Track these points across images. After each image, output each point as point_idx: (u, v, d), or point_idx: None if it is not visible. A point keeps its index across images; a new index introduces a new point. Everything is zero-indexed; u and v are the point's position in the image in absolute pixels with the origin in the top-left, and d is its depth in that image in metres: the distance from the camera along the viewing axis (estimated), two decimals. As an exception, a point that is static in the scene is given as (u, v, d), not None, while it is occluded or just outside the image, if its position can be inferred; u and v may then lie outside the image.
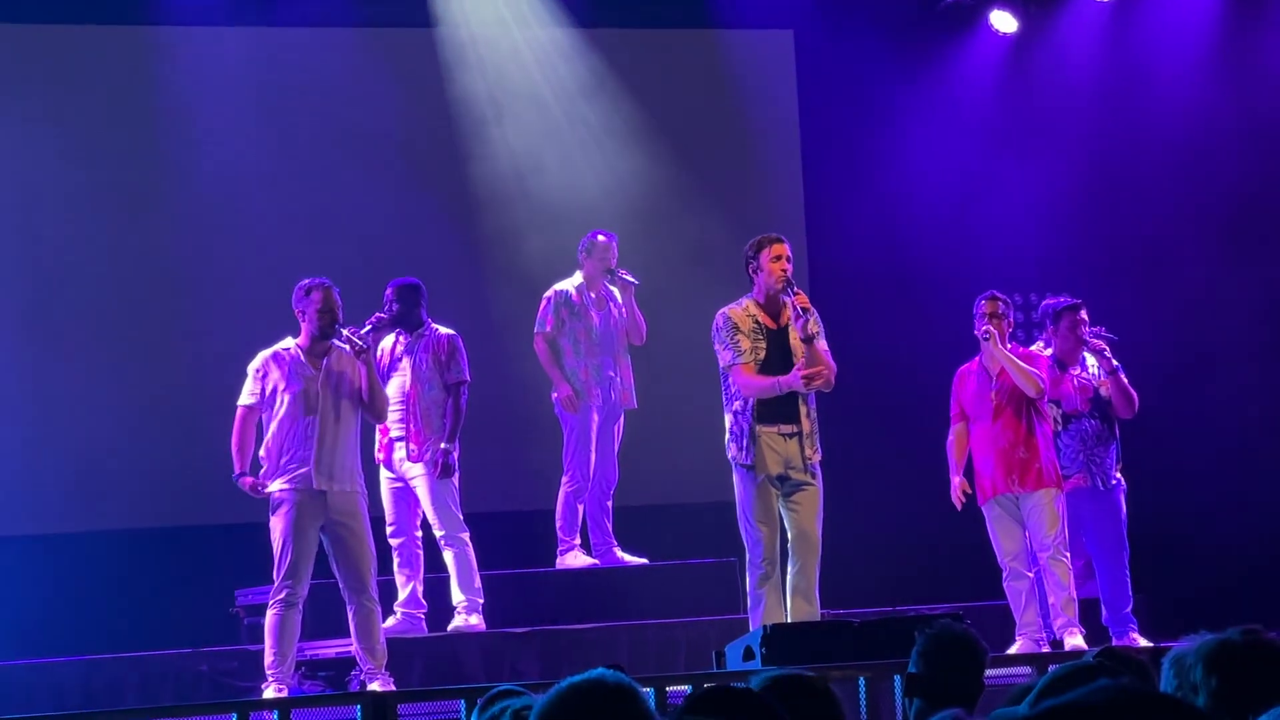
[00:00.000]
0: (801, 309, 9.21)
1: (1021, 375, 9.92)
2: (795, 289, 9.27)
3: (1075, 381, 10.38)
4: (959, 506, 10.15)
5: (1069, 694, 2.35)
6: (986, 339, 10.00)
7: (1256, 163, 13.24)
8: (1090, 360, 10.55)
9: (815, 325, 9.24)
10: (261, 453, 9.34)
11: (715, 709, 3.31)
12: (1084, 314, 10.57)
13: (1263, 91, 13.38)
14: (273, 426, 9.29)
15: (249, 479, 9.28)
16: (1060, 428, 10.40)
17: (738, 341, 9.25)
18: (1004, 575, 10.07)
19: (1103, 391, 10.50)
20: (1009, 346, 10.14)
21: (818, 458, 9.31)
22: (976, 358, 10.16)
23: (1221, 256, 13.22)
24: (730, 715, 3.31)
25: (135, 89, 12.51)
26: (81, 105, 12.43)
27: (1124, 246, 13.39)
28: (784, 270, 9.27)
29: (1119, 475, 10.57)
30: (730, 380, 9.33)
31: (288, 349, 9.41)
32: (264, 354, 9.42)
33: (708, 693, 3.43)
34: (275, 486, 9.23)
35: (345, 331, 9.32)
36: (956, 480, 10.13)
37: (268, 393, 9.32)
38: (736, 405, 9.31)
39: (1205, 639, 3.58)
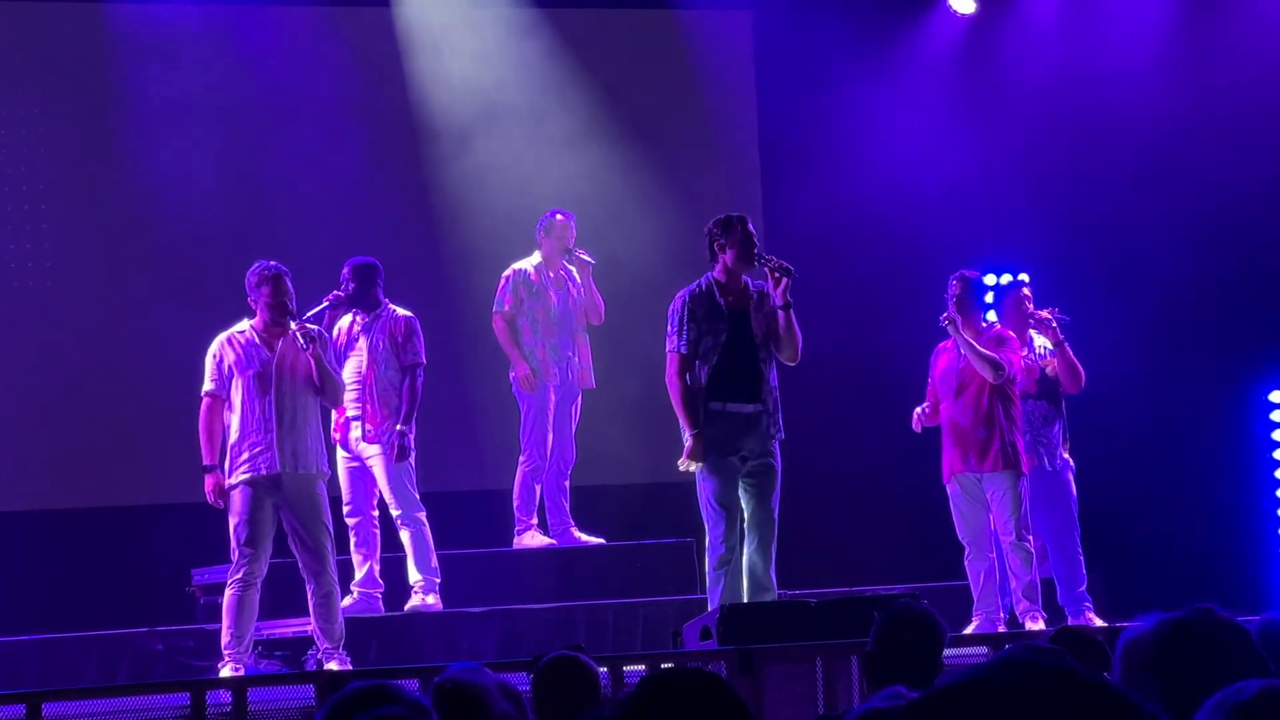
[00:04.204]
0: (782, 269, 9.13)
1: (979, 360, 9.90)
2: (765, 255, 9.21)
3: (1022, 362, 10.39)
4: (916, 428, 10.13)
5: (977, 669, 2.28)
6: (947, 324, 9.99)
7: (1215, 141, 13.27)
8: (1037, 340, 10.56)
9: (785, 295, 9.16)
10: (229, 447, 9.23)
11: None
12: (1027, 291, 10.61)
13: (1222, 71, 13.40)
14: (233, 416, 9.20)
15: (215, 477, 9.17)
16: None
17: (686, 330, 9.19)
18: (965, 554, 10.09)
19: (1049, 371, 10.52)
20: (986, 328, 10.14)
21: (780, 436, 9.28)
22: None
23: (1178, 235, 13.25)
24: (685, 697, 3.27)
25: (89, 64, 12.43)
26: (35, 81, 12.36)
27: (1081, 225, 13.41)
28: (752, 247, 9.18)
29: (1066, 455, 10.58)
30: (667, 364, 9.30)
31: (242, 331, 9.32)
32: (219, 338, 9.33)
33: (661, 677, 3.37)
34: (237, 479, 9.17)
35: (293, 325, 9.22)
36: (921, 409, 10.12)
37: (225, 376, 9.26)
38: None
39: (1158, 619, 3.59)
